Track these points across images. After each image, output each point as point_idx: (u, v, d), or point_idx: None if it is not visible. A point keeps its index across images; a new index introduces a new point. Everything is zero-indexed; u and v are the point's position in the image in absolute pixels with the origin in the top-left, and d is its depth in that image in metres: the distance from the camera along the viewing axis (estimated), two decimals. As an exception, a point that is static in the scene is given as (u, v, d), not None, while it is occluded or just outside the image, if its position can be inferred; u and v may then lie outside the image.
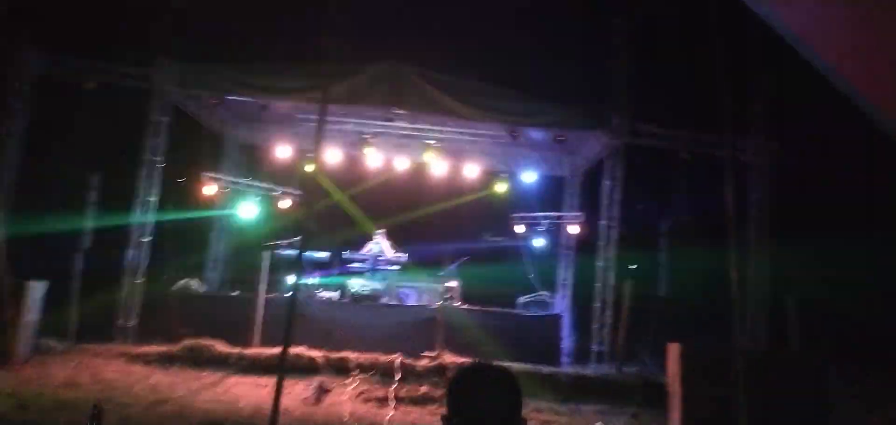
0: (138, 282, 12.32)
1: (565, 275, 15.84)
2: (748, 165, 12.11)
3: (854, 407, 8.83)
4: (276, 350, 11.17)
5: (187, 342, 11.20)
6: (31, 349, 10.29)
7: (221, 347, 11.28)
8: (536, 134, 13.76)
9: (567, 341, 14.33)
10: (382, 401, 9.84)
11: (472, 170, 15.51)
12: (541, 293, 15.84)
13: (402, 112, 12.88)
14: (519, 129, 12.90)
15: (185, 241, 14.78)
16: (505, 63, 12.03)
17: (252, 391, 9.98)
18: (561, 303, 15.56)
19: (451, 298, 13.97)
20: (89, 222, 11.95)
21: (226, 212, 16.27)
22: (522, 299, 15.60)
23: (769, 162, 11.86)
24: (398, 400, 9.90)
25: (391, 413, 9.32)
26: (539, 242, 16.46)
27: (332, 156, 15.16)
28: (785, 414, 8.85)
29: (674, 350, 9.33)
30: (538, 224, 16.20)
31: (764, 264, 11.85)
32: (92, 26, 12.26)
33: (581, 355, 13.53)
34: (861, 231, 11.19)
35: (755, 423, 8.33)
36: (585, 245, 14.82)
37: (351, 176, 15.76)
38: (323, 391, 10.10)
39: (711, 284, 10.52)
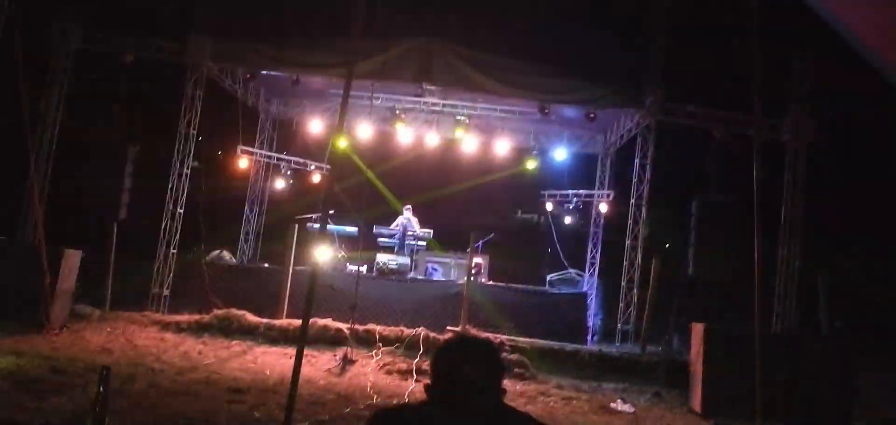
0: (172, 251, 12.64)
1: (594, 253, 15.77)
2: (785, 145, 11.85)
3: (881, 391, 8.64)
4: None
5: (218, 312, 11.49)
6: (68, 315, 10.64)
7: (251, 318, 11.53)
8: (568, 111, 13.65)
9: (594, 320, 14.32)
10: (405, 374, 9.95)
11: (502, 147, 15.48)
12: (569, 271, 15.86)
13: (432, 87, 12.88)
14: (550, 106, 12.79)
15: (219, 213, 15.08)
16: (538, 38, 11.85)
17: (279, 360, 10.19)
18: (589, 282, 15.53)
19: (478, 274, 14.06)
20: (126, 192, 12.29)
21: (259, 185, 16.60)
22: (551, 277, 15.65)
23: (806, 142, 11.57)
24: (420, 373, 9.99)
25: (412, 385, 9.43)
26: (569, 219, 16.42)
27: (364, 131, 15.27)
28: (809, 396, 8.74)
29: (697, 329, 9.27)
30: (568, 201, 16.16)
31: (797, 245, 11.61)
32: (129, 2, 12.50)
33: (608, 334, 13.51)
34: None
35: (778, 404, 8.27)
36: (615, 223, 14.74)
37: (382, 151, 15.87)
38: (348, 362, 10.25)
39: (741, 264, 10.39)
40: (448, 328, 11.40)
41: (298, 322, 11.40)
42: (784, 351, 9.29)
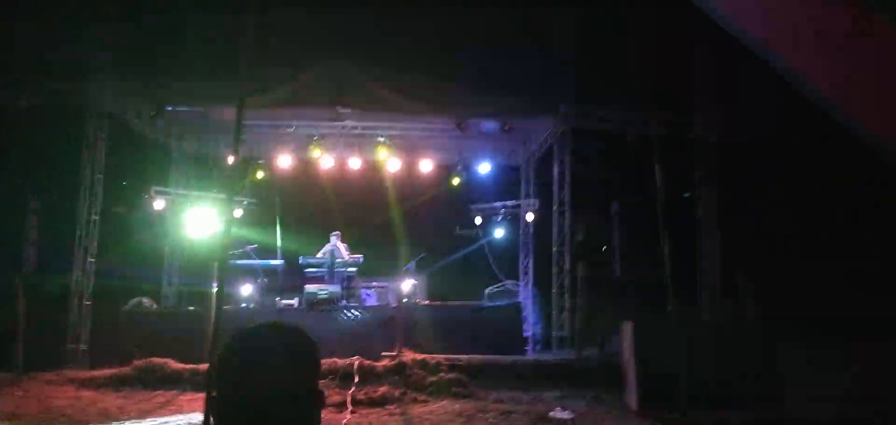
0: (87, 303, 11.97)
1: (527, 262, 15.84)
2: (695, 142, 12.21)
3: (807, 375, 8.93)
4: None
5: (138, 362, 10.91)
6: (-27, 383, 9.90)
7: (175, 365, 11.01)
8: (486, 124, 13.71)
9: (534, 329, 14.35)
10: (340, 406, 9.68)
11: (427, 165, 15.39)
12: (505, 283, 15.87)
13: (348, 111, 12.70)
14: (466, 121, 12.81)
15: (135, 258, 14.40)
16: (452, 55, 11.86)
17: (201, 406, 9.74)
18: (525, 292, 15.58)
19: (412, 296, 13.89)
20: (31, 247, 11.58)
21: (177, 225, 15.95)
22: (488, 290, 15.62)
23: (715, 136, 11.95)
24: (356, 403, 9.76)
25: (348, 416, 9.16)
26: (499, 232, 16.46)
27: (283, 161, 14.91)
28: (739, 380, 8.96)
29: (626, 328, 9.38)
30: (497, 213, 16.21)
31: (714, 239, 11.95)
32: (22, 45, 11.81)
33: (549, 342, 13.56)
34: (812, 204, 11.34)
35: (708, 393, 8.43)
36: (546, 231, 14.85)
37: (305, 179, 15.52)
38: (279, 400, 9.88)
39: (663, 262, 10.59)
40: (383, 352, 11.21)
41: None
42: (711, 341, 9.51)
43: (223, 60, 10.22)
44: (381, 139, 14.13)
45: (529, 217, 15.55)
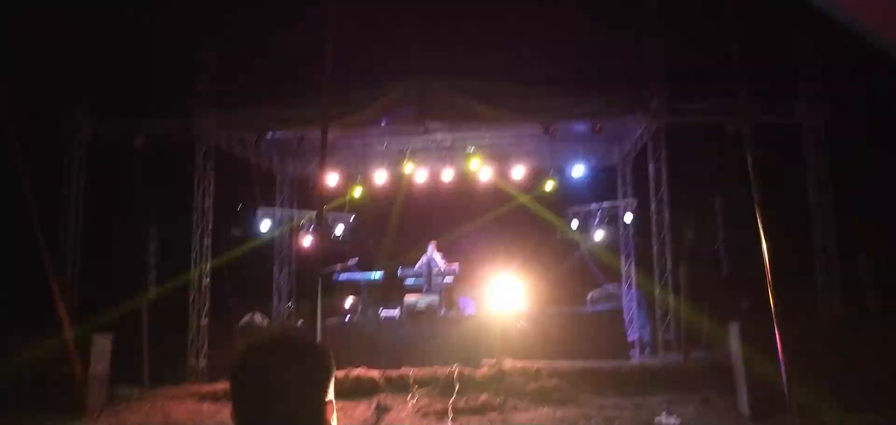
0: (204, 321, 12.73)
1: (627, 264, 15.42)
2: (800, 130, 11.52)
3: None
4: (337, 374, 11.29)
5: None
6: (106, 399, 10.75)
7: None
8: (576, 126, 13.48)
9: (638, 332, 13.96)
10: (441, 415, 9.79)
11: (519, 172, 15.31)
12: (607, 286, 15.53)
13: (436, 125, 12.86)
14: (554, 125, 12.64)
15: (247, 277, 15.19)
16: (536, 59, 11.81)
17: (314, 417, 10.10)
18: (628, 294, 15.18)
19: (511, 303, 13.84)
20: (152, 271, 12.49)
21: (283, 243, 16.72)
22: (591, 294, 15.34)
23: (821, 123, 11.21)
24: (457, 411, 9.82)
25: (449, 425, 9.25)
26: (598, 234, 16.11)
27: (379, 177, 15.32)
28: (863, 380, 8.32)
29: (733, 329, 8.93)
30: (593, 216, 15.88)
31: (830, 229, 11.19)
32: (135, 85, 12.81)
33: (654, 345, 13.15)
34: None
35: (829, 397, 7.88)
36: (645, 231, 14.42)
37: (399, 193, 15.86)
38: (383, 410, 10.12)
39: (774, 256, 10.01)
40: (484, 360, 11.23)
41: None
42: (831, 340, 8.91)
43: (314, 85, 10.65)
44: (471, 149, 14.20)
45: (628, 218, 15.15)
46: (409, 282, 14.18)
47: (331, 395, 1.67)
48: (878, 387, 8.34)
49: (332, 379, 1.69)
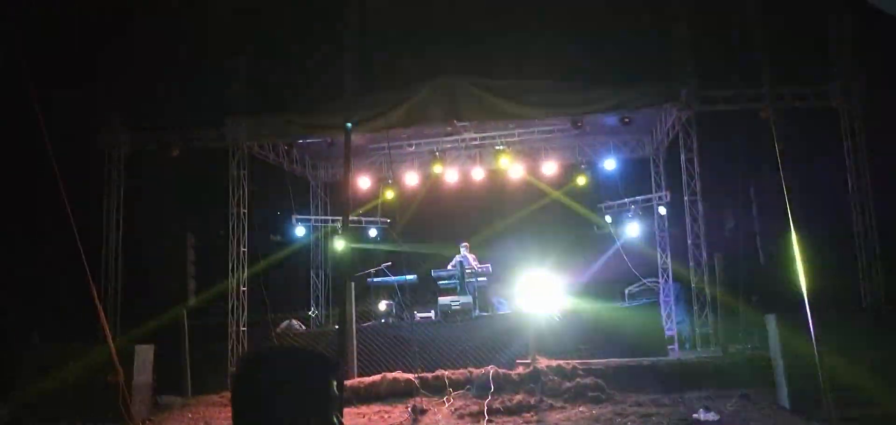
0: (243, 329, 12.96)
1: (664, 257, 15.21)
2: (838, 111, 11.20)
3: None
4: (374, 378, 11.44)
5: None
6: (149, 408, 11.00)
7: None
8: (605, 119, 13.34)
9: (677, 327, 13.77)
10: (477, 416, 9.76)
11: (549, 168, 15.24)
12: (645, 281, 15.34)
13: (464, 124, 12.86)
14: (582, 119, 12.52)
15: (283, 284, 15.42)
16: (561, 53, 11.69)
17: (351, 421, 10.19)
18: (665, 288, 14.98)
19: (545, 301, 13.75)
20: (192, 280, 12.75)
21: (320, 249, 16.93)
22: (629, 290, 15.19)
23: (859, 104, 10.88)
24: (492, 412, 9.79)
25: (484, 426, 9.24)
26: (633, 228, 15.92)
27: (410, 179, 15.39)
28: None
29: (770, 321, 8.73)
30: (627, 209, 15.71)
31: (870, 214, 10.87)
32: (169, 98, 13.10)
33: (692, 339, 12.96)
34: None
35: (870, 388, 7.67)
36: (680, 223, 14.21)
37: (432, 195, 15.92)
38: (419, 412, 10.16)
39: (810, 242, 9.77)
40: (518, 360, 11.18)
41: (368, 379, 11.53)
42: (873, 330, 8.65)
43: (341, 90, 10.76)
44: (501, 147, 14.17)
45: (662, 210, 14.95)
46: (443, 283, 14.20)
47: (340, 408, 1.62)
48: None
49: (342, 391, 1.65)
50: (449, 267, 14.26)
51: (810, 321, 4.98)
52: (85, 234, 10.47)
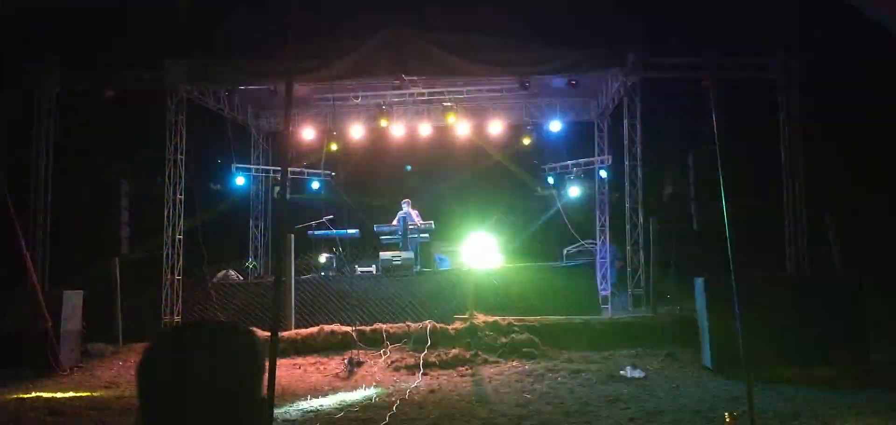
0: (177, 278, 12.69)
1: (603, 220, 15.53)
2: (776, 84, 11.53)
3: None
4: (311, 330, 11.43)
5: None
6: (78, 355, 10.74)
7: (260, 333, 11.46)
8: (554, 81, 13.42)
9: (611, 287, 14.12)
10: (413, 368, 9.89)
11: (496, 127, 15.29)
12: (583, 242, 15.66)
13: (412, 78, 12.74)
14: (530, 79, 12.57)
15: (221, 233, 15.12)
16: (513, 10, 11.63)
17: (288, 371, 10.17)
18: (602, 249, 15.32)
19: (485, 258, 13.91)
20: (125, 227, 12.38)
21: (260, 199, 16.65)
22: (567, 250, 15.48)
23: (797, 79, 11.22)
24: (428, 365, 9.94)
25: (419, 378, 9.35)
26: (574, 191, 16.19)
27: (356, 131, 15.22)
28: (823, 335, 8.50)
29: (699, 284, 9.06)
30: (569, 172, 15.95)
31: (799, 186, 11.30)
32: (104, 37, 12.51)
33: (625, 300, 13.31)
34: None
35: (793, 348, 8.06)
36: (621, 187, 14.49)
37: (377, 148, 15.80)
38: (356, 364, 10.21)
39: (745, 212, 10.13)
40: (456, 315, 11.32)
41: (305, 331, 11.51)
42: (794, 295, 9.06)
43: (285, 37, 10.42)
44: (448, 103, 14.13)
45: (603, 174, 15.23)
46: (385, 238, 14.20)
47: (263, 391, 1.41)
48: (838, 341, 8.54)
49: (264, 374, 1.44)
50: (393, 223, 14.25)
51: (734, 285, 5.16)
52: (12, 178, 10.06)
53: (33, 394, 8.62)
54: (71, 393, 8.69)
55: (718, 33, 11.38)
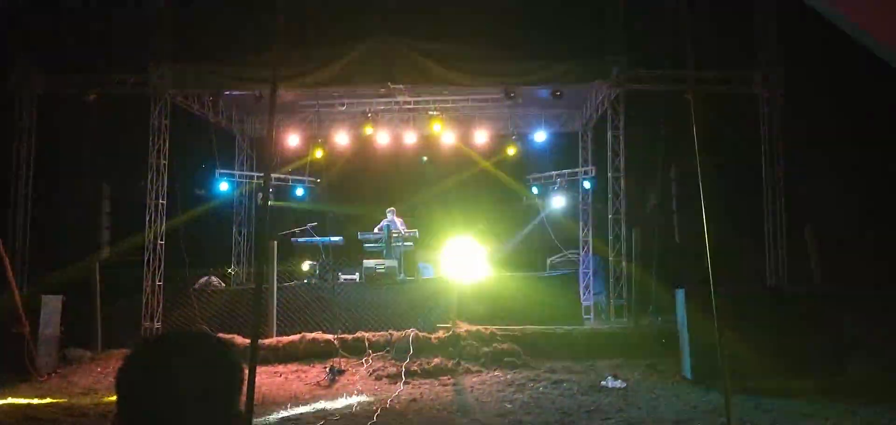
0: (158, 284, 12.58)
1: (586, 230, 15.61)
2: (758, 98, 11.68)
3: (873, 337, 8.48)
4: (293, 338, 11.37)
5: (206, 338, 11.39)
6: (56, 361, 10.60)
7: (240, 340, 11.42)
8: (538, 92, 13.50)
9: (594, 298, 14.18)
10: (395, 378, 9.85)
11: (481, 137, 15.34)
12: (566, 252, 15.72)
13: (398, 86, 12.76)
14: (515, 89, 12.64)
15: (204, 239, 15.02)
16: (501, 22, 11.69)
17: (269, 379, 10.11)
18: (585, 260, 15.39)
19: (469, 268, 13.92)
20: (105, 232, 12.29)
21: (244, 205, 16.56)
22: (550, 260, 15.53)
23: (778, 93, 11.37)
24: (410, 374, 9.91)
25: (401, 387, 9.32)
26: (558, 201, 16.27)
27: (341, 139, 15.21)
28: (802, 348, 8.57)
29: (680, 295, 9.12)
30: (553, 182, 16.02)
31: (779, 199, 11.44)
32: (88, 41, 12.42)
33: (608, 310, 13.39)
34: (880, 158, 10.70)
35: (771, 360, 8.12)
36: (604, 198, 14.58)
37: (362, 156, 15.78)
38: (337, 372, 10.17)
39: (726, 225, 10.23)
40: (439, 324, 11.31)
41: (287, 339, 11.44)
42: (773, 307, 9.15)
43: (271, 43, 10.41)
44: (434, 112, 14.16)
45: (587, 185, 15.31)
46: (369, 246, 14.17)
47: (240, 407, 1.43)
48: (816, 353, 8.63)
49: (243, 387, 1.46)
50: (376, 230, 14.22)
51: (713, 296, 5.21)
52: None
53: (9, 400, 8.50)
54: (47, 400, 8.58)
55: (701, 47, 11.55)
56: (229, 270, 15.83)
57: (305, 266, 13.86)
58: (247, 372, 1.49)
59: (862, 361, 9.24)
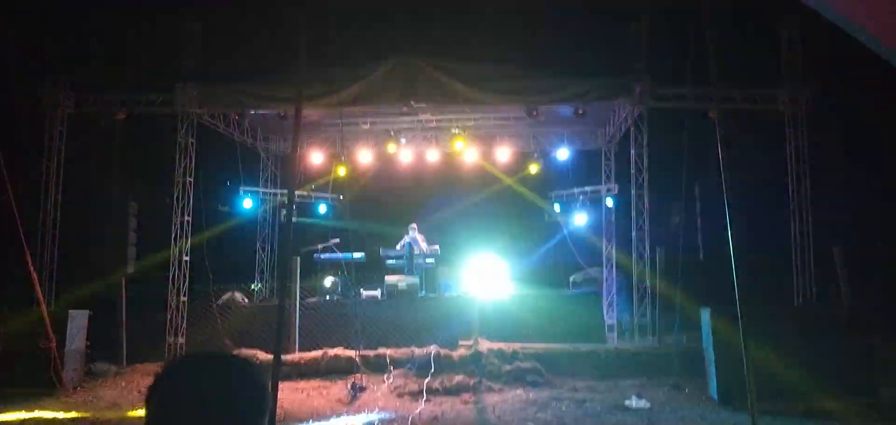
0: (183, 299, 12.71)
1: (609, 248, 15.49)
2: (783, 116, 11.54)
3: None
4: (315, 354, 11.40)
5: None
6: (82, 375, 10.75)
7: (262, 355, 11.47)
8: (561, 109, 13.48)
9: (617, 316, 14.04)
10: (416, 395, 9.84)
11: (504, 154, 15.35)
12: (589, 270, 15.60)
13: (421, 105, 12.82)
14: (538, 108, 12.64)
15: (228, 255, 15.17)
16: (523, 41, 11.72)
17: (291, 395, 10.14)
18: (608, 277, 15.26)
19: (491, 284, 13.89)
20: (132, 248, 12.45)
21: (267, 222, 16.71)
22: (573, 277, 15.43)
23: (804, 110, 11.23)
24: (431, 391, 9.88)
25: (422, 405, 9.29)
26: (581, 218, 16.16)
27: (364, 157, 15.30)
28: (832, 369, 8.40)
29: (705, 315, 9.00)
30: (575, 199, 15.94)
31: (807, 217, 11.26)
32: (117, 61, 12.69)
33: (632, 329, 13.23)
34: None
35: (801, 381, 7.98)
36: (627, 215, 14.46)
37: (386, 174, 15.85)
38: (359, 389, 10.17)
39: (751, 244, 10.09)
40: (461, 341, 11.26)
41: (309, 355, 11.48)
42: (801, 327, 8.99)
43: (295, 63, 10.53)
44: (456, 131, 14.20)
45: (610, 202, 15.22)
46: (391, 263, 14.19)
47: None
48: (843, 376, 8.44)
49: (269, 410, 1.47)
50: (398, 247, 14.25)
51: (739, 315, 5.13)
52: (21, 197, 10.15)
53: (35, 414, 8.63)
54: (73, 413, 8.69)
55: (726, 65, 11.44)
56: (252, 286, 15.94)
57: (327, 282, 13.90)
58: (271, 394, 1.43)
59: (893, 383, 9.04)
